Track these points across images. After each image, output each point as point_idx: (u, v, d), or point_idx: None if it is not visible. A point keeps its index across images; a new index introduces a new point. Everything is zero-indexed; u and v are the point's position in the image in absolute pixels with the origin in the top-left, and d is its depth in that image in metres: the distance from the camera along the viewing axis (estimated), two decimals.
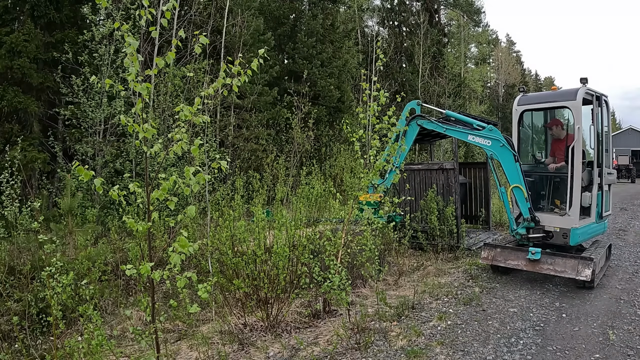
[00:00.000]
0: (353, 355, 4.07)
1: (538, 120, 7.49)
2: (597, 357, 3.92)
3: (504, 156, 6.18)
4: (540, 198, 6.83)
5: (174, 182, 2.75)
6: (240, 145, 14.11)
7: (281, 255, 4.57)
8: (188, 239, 2.74)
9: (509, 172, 6.15)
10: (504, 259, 6.20)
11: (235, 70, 2.92)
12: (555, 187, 6.66)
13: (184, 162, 10.12)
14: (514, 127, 6.84)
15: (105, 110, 9.90)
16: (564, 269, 5.61)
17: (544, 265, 5.78)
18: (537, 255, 5.79)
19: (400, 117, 6.85)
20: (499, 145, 6.24)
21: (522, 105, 6.72)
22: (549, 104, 6.67)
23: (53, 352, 3.52)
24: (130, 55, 2.69)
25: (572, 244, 6.03)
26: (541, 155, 7.32)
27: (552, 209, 6.55)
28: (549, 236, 6.14)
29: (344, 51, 19.99)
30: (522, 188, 6.02)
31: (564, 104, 6.28)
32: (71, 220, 7.14)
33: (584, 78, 6.05)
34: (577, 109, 5.94)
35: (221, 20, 14.38)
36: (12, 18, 11.23)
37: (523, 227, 6.16)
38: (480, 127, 6.53)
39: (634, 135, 41.44)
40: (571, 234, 5.94)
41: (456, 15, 35.43)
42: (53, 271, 3.64)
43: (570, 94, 6.15)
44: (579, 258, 5.59)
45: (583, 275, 5.43)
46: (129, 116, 2.91)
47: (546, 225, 6.15)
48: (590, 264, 5.44)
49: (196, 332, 4.76)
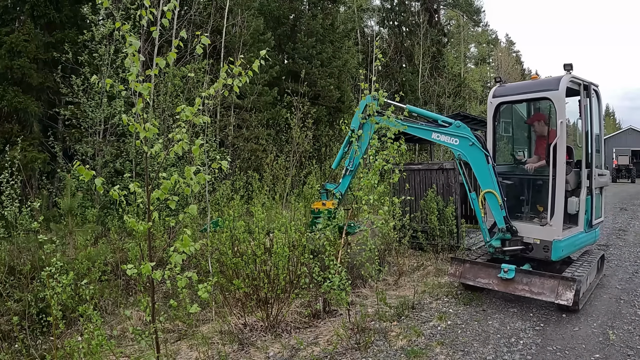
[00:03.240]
0: (353, 355, 4.08)
1: (520, 114, 6.68)
2: (597, 357, 3.92)
3: (474, 156, 5.34)
4: (520, 204, 5.96)
5: (174, 181, 2.75)
6: (240, 145, 14.12)
7: (281, 255, 4.58)
8: (189, 238, 2.74)
9: (480, 174, 5.32)
10: (474, 276, 5.42)
11: (237, 70, 2.92)
12: (537, 191, 5.83)
13: (184, 162, 10.12)
14: (489, 122, 6.02)
15: (105, 110, 9.91)
16: (541, 291, 4.80)
17: (519, 285, 4.97)
18: (510, 274, 5.01)
19: (355, 114, 6.25)
20: (467, 144, 5.37)
21: (498, 97, 5.90)
22: (528, 95, 5.72)
23: (53, 352, 3.52)
24: (131, 55, 2.69)
25: (555, 259, 5.20)
26: (523, 154, 6.49)
27: (531, 217, 5.71)
28: (528, 249, 5.35)
29: (344, 51, 20.01)
30: (496, 193, 5.18)
31: (545, 95, 5.37)
32: (71, 220, 7.14)
33: (568, 64, 5.22)
34: (560, 100, 5.13)
35: (221, 20, 14.39)
36: (12, 18, 11.24)
37: (498, 239, 5.35)
38: (446, 124, 5.66)
39: (634, 135, 41.41)
40: (553, 247, 5.09)
41: (456, 15, 35.44)
42: (53, 271, 3.64)
43: (551, 82, 5.32)
44: (559, 278, 4.75)
45: (564, 298, 4.61)
46: (130, 116, 2.91)
47: (525, 236, 5.34)
48: (573, 286, 4.62)
49: (196, 332, 4.76)
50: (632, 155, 36.62)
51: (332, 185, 6.53)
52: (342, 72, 19.22)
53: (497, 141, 6.13)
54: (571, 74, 5.27)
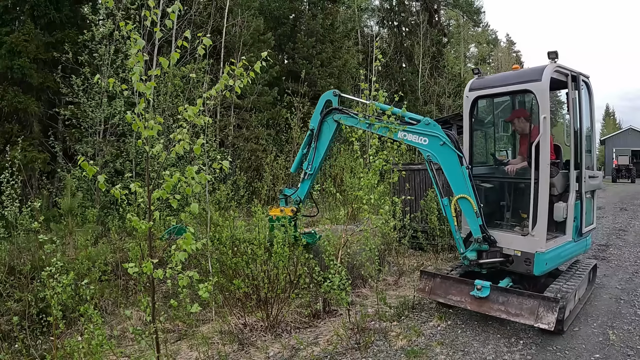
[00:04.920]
0: (353, 355, 4.08)
1: (504, 110, 5.94)
2: (597, 357, 3.92)
3: (446, 158, 4.77)
4: (500, 210, 5.31)
5: (177, 179, 2.76)
6: (240, 145, 14.13)
7: (281, 255, 4.58)
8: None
9: (452, 178, 4.76)
10: (445, 293, 4.82)
11: (239, 72, 2.94)
12: (519, 196, 5.12)
13: (184, 162, 10.14)
14: (465, 119, 5.40)
15: (105, 110, 9.91)
16: (519, 312, 4.16)
17: (494, 304, 4.36)
18: (484, 292, 4.42)
19: (314, 112, 5.74)
20: (438, 144, 4.78)
21: (475, 91, 5.26)
22: (507, 88, 5.05)
23: (53, 352, 3.52)
24: (135, 55, 2.70)
25: (537, 274, 4.57)
26: (506, 154, 5.88)
27: (512, 225, 5.04)
28: (509, 261, 4.70)
29: (344, 51, 20.02)
30: (470, 199, 4.59)
31: (526, 87, 4.73)
32: (71, 220, 7.15)
33: (552, 52, 4.61)
34: (543, 93, 4.49)
35: (221, 20, 14.39)
36: (12, 18, 11.25)
37: (473, 250, 4.71)
38: (413, 121, 5.07)
39: (634, 135, 41.44)
40: (535, 260, 4.47)
41: (456, 15, 35.45)
42: (53, 271, 3.64)
43: (534, 73, 4.72)
44: (539, 298, 4.11)
45: (544, 321, 3.97)
46: (132, 114, 2.92)
47: (504, 247, 4.70)
48: (555, 307, 3.97)
49: (196, 332, 4.77)
50: (632, 155, 36.62)
51: (290, 190, 6.00)
52: (342, 72, 19.24)
53: (474, 140, 5.47)
54: (556, 62, 4.65)
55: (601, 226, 10.81)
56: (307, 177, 5.75)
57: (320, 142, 5.62)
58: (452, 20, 36.38)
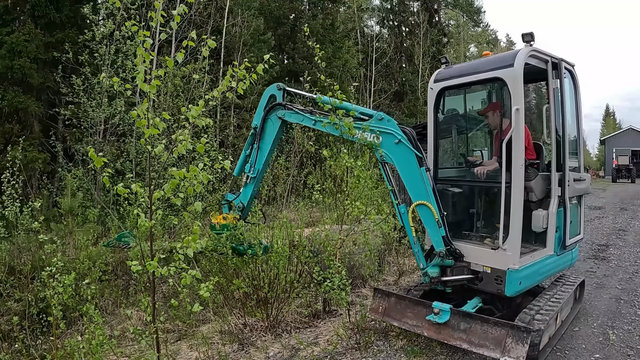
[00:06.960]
0: (353, 355, 4.08)
1: (477, 104, 5.08)
2: (597, 357, 3.93)
3: (402, 158, 4.12)
4: (470, 219, 4.53)
5: (182, 176, 2.77)
6: (240, 146, 14.13)
7: (281, 255, 4.58)
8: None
9: (409, 181, 4.11)
10: (400, 316, 4.15)
11: (241, 74, 2.96)
12: (490, 203, 4.36)
13: (184, 162, 10.14)
14: (429, 113, 4.60)
15: (106, 110, 9.92)
16: (483, 342, 3.51)
17: (454, 332, 3.71)
18: (442, 317, 3.76)
19: (257, 108, 5.21)
20: (393, 142, 4.14)
21: (440, 82, 4.54)
22: (476, 77, 4.28)
23: (53, 352, 3.53)
24: (140, 54, 2.72)
25: (510, 294, 3.86)
26: (481, 155, 5.10)
27: (483, 236, 4.28)
28: (478, 278, 4.02)
29: (344, 51, 20.02)
30: (431, 206, 3.97)
31: (496, 74, 4.00)
32: (71, 220, 7.16)
33: (527, 33, 3.97)
34: (515, 80, 3.81)
35: (221, 20, 14.40)
36: (12, 18, 11.26)
37: (436, 265, 4.08)
38: (365, 116, 4.42)
39: (634, 135, 41.49)
40: (507, 278, 3.78)
41: (456, 15, 35.46)
42: (54, 271, 3.65)
43: (505, 58, 4.05)
44: (507, 327, 3.45)
45: (513, 355, 3.31)
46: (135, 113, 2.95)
47: (472, 262, 4.04)
48: (526, 339, 3.32)
49: (196, 332, 4.77)
50: (632, 155, 36.68)
51: (232, 195, 5.33)
52: (343, 72, 19.24)
53: (439, 138, 4.69)
54: (532, 46, 3.97)
55: (601, 226, 10.82)
56: (249, 180, 5.14)
57: (264, 142, 5.06)
58: (452, 20, 36.39)
